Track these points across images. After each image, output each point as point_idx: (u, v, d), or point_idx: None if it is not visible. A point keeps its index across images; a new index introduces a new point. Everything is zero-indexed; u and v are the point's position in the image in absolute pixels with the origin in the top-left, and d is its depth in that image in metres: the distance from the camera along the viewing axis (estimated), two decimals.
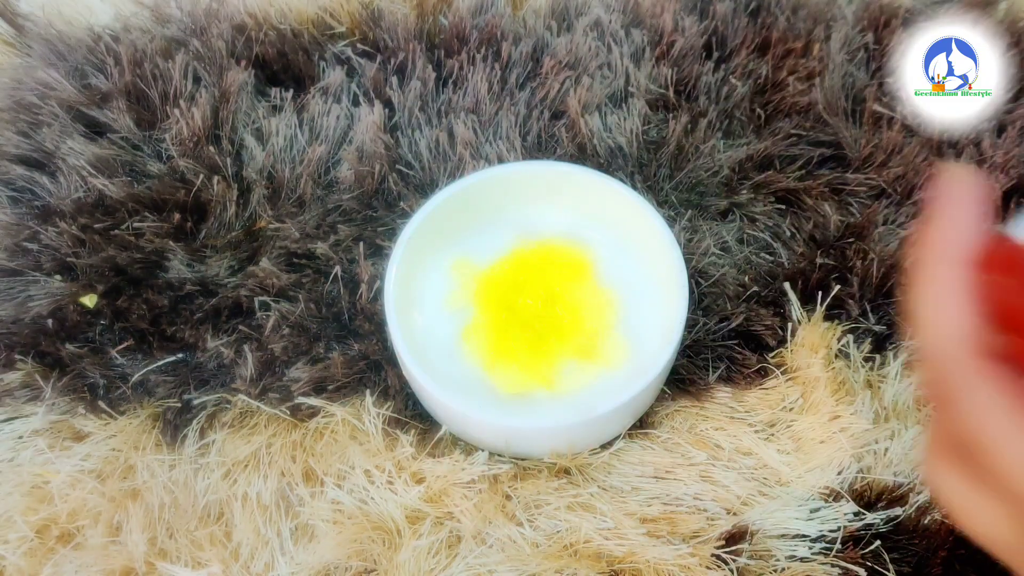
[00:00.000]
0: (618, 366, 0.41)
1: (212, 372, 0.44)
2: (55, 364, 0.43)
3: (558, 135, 0.49)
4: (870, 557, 0.39)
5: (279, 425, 0.42)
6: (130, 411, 0.43)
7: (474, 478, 0.40)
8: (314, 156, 0.48)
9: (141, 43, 0.51)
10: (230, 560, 0.39)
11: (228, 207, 0.47)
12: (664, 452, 0.42)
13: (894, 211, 0.48)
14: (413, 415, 0.43)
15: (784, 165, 0.49)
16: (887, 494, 0.41)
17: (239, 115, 0.49)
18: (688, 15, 0.52)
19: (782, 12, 0.53)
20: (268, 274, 0.45)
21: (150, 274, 0.45)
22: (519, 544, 0.39)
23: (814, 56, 0.52)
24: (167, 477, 0.41)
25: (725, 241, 0.47)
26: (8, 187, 0.47)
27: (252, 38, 0.52)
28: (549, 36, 0.52)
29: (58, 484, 0.40)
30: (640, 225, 0.43)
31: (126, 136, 0.49)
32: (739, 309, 0.45)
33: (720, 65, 0.52)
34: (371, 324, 0.44)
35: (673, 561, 0.38)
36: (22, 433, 0.42)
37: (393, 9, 0.53)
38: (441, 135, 0.49)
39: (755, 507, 0.40)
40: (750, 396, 0.43)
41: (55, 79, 0.49)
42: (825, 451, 0.42)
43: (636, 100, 0.50)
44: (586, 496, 0.40)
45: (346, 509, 0.40)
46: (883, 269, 0.45)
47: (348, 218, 0.47)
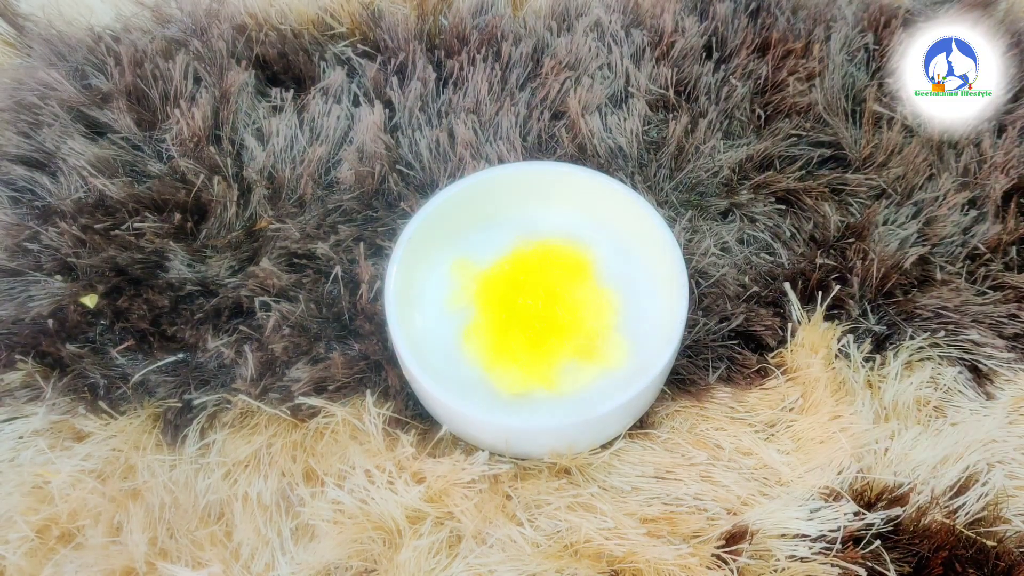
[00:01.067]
0: (618, 366, 0.41)
1: (213, 372, 0.44)
2: (56, 364, 0.43)
3: (558, 135, 0.50)
4: (870, 557, 0.39)
5: (279, 425, 0.42)
6: (131, 411, 0.43)
7: (474, 478, 0.40)
8: (314, 156, 0.48)
9: (142, 43, 0.51)
10: (231, 560, 0.39)
11: (228, 207, 0.47)
12: (664, 452, 0.42)
13: (894, 211, 0.48)
14: (413, 415, 0.43)
15: (784, 165, 0.49)
16: (887, 494, 0.41)
17: (239, 115, 0.49)
18: (688, 15, 0.53)
19: (782, 12, 0.53)
20: (268, 274, 0.45)
21: (151, 274, 0.45)
22: (519, 544, 0.39)
23: (814, 56, 0.52)
24: (168, 477, 0.41)
25: (725, 241, 0.47)
26: (9, 187, 0.47)
27: (252, 38, 0.52)
28: (549, 36, 0.52)
29: (58, 484, 0.40)
30: (640, 225, 0.43)
31: (127, 136, 0.49)
32: (739, 309, 0.45)
33: (720, 65, 0.52)
34: (371, 324, 0.44)
35: (673, 561, 0.38)
36: (23, 433, 0.42)
37: (393, 9, 0.53)
38: (441, 135, 0.49)
39: (755, 507, 0.40)
40: (750, 396, 0.44)
41: (55, 79, 0.49)
42: (825, 451, 0.42)
43: (636, 100, 0.50)
44: (586, 496, 0.40)
45: (346, 509, 0.40)
46: (883, 269, 0.45)
47: (348, 218, 0.47)
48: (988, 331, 0.45)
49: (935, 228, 0.47)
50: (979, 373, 0.45)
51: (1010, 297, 0.46)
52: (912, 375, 0.44)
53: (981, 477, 0.41)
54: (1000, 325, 0.45)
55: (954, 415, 0.43)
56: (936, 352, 0.45)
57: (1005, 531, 0.40)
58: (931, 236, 0.47)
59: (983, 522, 0.40)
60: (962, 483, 0.41)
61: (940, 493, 0.41)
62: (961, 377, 0.44)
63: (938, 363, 0.45)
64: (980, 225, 0.47)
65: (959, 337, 0.45)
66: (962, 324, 0.45)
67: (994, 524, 0.40)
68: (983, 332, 0.45)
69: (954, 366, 0.44)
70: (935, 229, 0.47)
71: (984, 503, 0.40)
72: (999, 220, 0.48)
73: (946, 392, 0.44)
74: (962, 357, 0.45)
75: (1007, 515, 0.41)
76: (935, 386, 0.44)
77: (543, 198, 0.45)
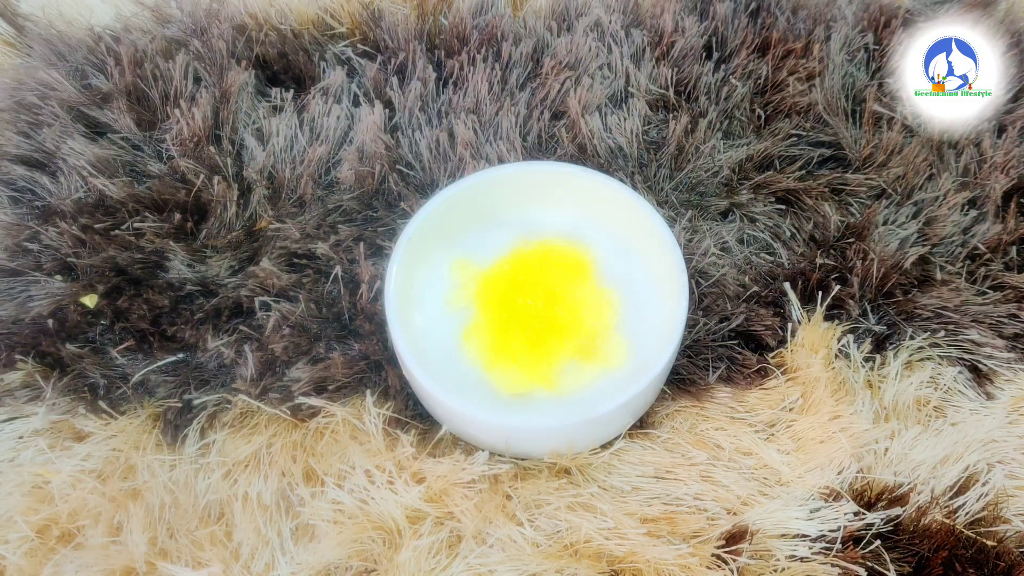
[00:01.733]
0: (618, 366, 0.41)
1: (213, 372, 0.44)
2: (56, 364, 0.43)
3: (558, 135, 0.50)
4: (870, 557, 0.39)
5: (280, 425, 0.42)
6: (131, 411, 0.43)
7: (474, 478, 0.40)
8: (314, 156, 0.48)
9: (142, 43, 0.51)
10: (230, 560, 0.39)
11: (229, 207, 0.47)
12: (664, 452, 0.42)
13: (894, 211, 0.48)
14: (413, 415, 0.43)
15: (784, 165, 0.49)
16: (887, 494, 0.41)
17: (240, 115, 0.49)
18: (688, 15, 0.53)
19: (782, 12, 0.53)
20: (269, 274, 0.45)
21: (151, 274, 0.45)
22: (519, 544, 0.39)
23: (814, 56, 0.52)
24: (168, 477, 0.41)
25: (725, 241, 0.47)
26: (9, 187, 0.47)
27: (253, 38, 0.52)
28: (549, 36, 0.52)
29: (59, 484, 0.40)
30: (640, 225, 0.43)
31: (127, 136, 0.49)
32: (739, 309, 0.45)
33: (720, 65, 0.52)
34: (371, 324, 0.44)
35: (673, 561, 0.38)
36: (23, 433, 0.42)
37: (393, 9, 0.53)
38: (441, 135, 0.49)
39: (755, 507, 0.40)
40: (750, 396, 0.44)
41: (56, 79, 0.49)
42: (825, 451, 0.42)
43: (636, 100, 0.50)
44: (586, 496, 0.40)
45: (347, 509, 0.40)
46: (883, 269, 0.45)
47: (348, 218, 0.47)
48: (988, 331, 0.45)
49: (935, 228, 0.47)
50: (979, 373, 0.45)
51: (1010, 297, 0.46)
52: (912, 375, 0.44)
53: (981, 477, 0.41)
54: (1000, 325, 0.45)
55: (954, 415, 0.43)
56: (936, 352, 0.45)
57: (1005, 531, 0.40)
58: (931, 236, 0.47)
59: (983, 522, 0.40)
60: (962, 483, 0.41)
61: (940, 493, 0.41)
62: (961, 377, 0.44)
63: (938, 363, 0.45)
64: (980, 225, 0.47)
65: (959, 337, 0.45)
66: (962, 324, 0.45)
67: (994, 524, 0.40)
68: (983, 332, 0.45)
69: (954, 366, 0.44)
70: (935, 229, 0.47)
71: (984, 503, 0.40)
72: (999, 220, 0.48)
73: (946, 392, 0.44)
74: (962, 357, 0.45)
75: (1007, 515, 0.41)
76: (935, 386, 0.44)
77: (543, 198, 0.45)
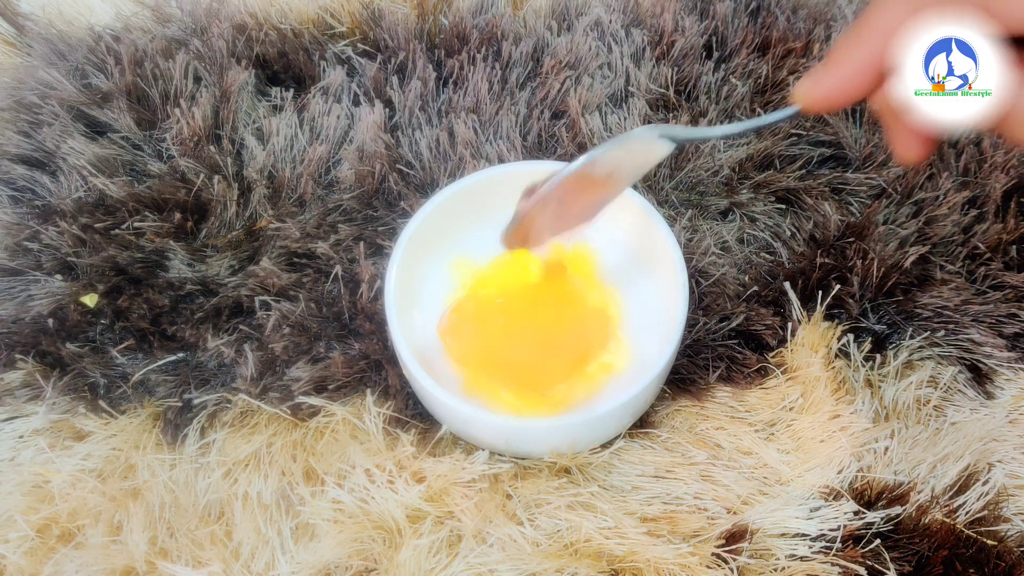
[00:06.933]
0: (618, 366, 0.41)
1: (213, 371, 0.44)
2: (56, 363, 0.43)
3: (558, 135, 0.50)
4: (870, 556, 0.39)
5: (280, 424, 0.42)
6: (131, 410, 0.43)
7: (475, 477, 0.40)
8: (315, 156, 0.48)
9: (142, 43, 0.51)
10: (231, 559, 0.39)
11: (229, 207, 0.47)
12: (664, 452, 0.42)
13: (894, 211, 0.48)
14: (413, 414, 0.43)
15: (784, 165, 0.49)
16: (887, 493, 0.41)
17: (240, 115, 0.49)
18: (688, 15, 0.53)
19: (782, 12, 0.53)
20: (269, 274, 0.45)
21: (151, 274, 0.45)
22: (519, 543, 0.39)
23: (814, 56, 0.52)
24: (168, 476, 0.41)
25: (725, 241, 0.47)
26: (9, 187, 0.47)
27: (253, 38, 0.52)
28: (549, 36, 0.52)
29: (59, 483, 0.40)
30: (640, 225, 0.43)
31: (127, 136, 0.49)
32: (739, 309, 0.45)
33: (720, 65, 0.52)
34: (371, 323, 0.44)
35: (673, 560, 0.38)
36: (23, 432, 0.42)
37: (393, 9, 0.53)
38: (441, 135, 0.49)
39: (755, 506, 0.40)
40: (750, 396, 0.44)
41: (56, 79, 0.49)
42: (825, 450, 0.42)
43: (636, 100, 0.50)
44: (586, 495, 0.40)
45: (347, 508, 0.40)
46: (883, 269, 0.45)
47: (348, 218, 0.47)
48: (988, 331, 0.45)
49: (935, 227, 0.47)
50: (979, 373, 0.45)
51: (1010, 297, 0.46)
52: (912, 375, 0.44)
53: (981, 476, 0.41)
54: (1000, 325, 0.45)
55: (954, 415, 0.43)
56: (936, 352, 0.45)
57: (1005, 530, 0.40)
58: (931, 235, 0.47)
59: (983, 521, 0.40)
60: (962, 482, 0.41)
61: (940, 492, 0.41)
62: (961, 377, 0.44)
63: (938, 363, 0.45)
64: (980, 225, 0.47)
65: (959, 337, 0.45)
66: (962, 324, 0.45)
67: (994, 523, 0.40)
68: (983, 332, 0.45)
69: (954, 366, 0.44)
70: (935, 228, 0.47)
71: (984, 502, 0.40)
72: (999, 220, 0.48)
73: (946, 392, 0.44)
74: (962, 357, 0.45)
75: (1007, 514, 0.41)
76: (935, 386, 0.44)
77: None
